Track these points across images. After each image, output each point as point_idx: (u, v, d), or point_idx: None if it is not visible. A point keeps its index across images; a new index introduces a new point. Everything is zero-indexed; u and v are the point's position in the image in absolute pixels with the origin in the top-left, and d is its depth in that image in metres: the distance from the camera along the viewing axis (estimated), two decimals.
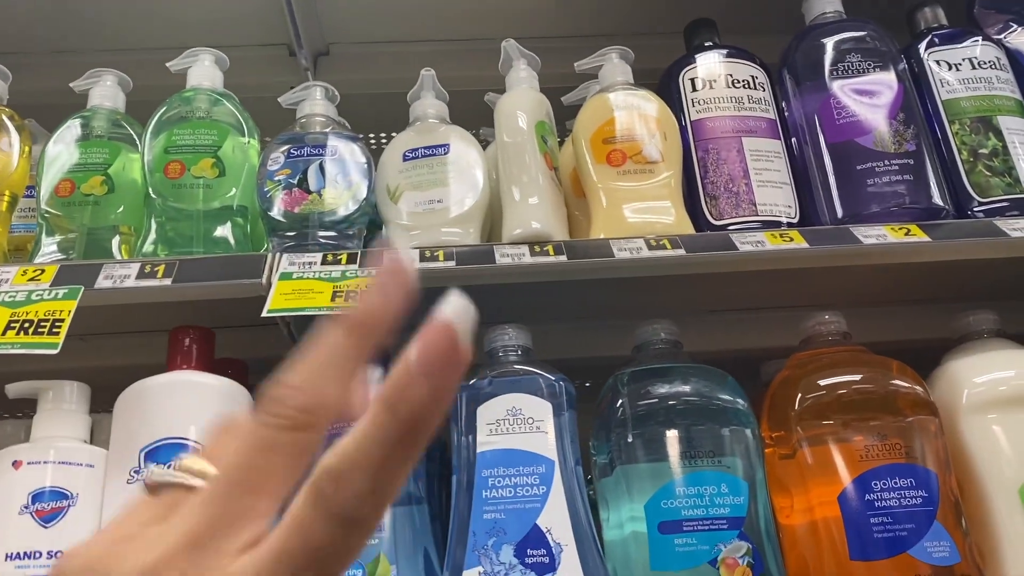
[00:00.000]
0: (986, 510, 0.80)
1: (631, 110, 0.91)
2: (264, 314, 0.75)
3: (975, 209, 0.89)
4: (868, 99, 0.92)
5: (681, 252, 0.82)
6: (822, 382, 0.82)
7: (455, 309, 0.25)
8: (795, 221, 0.90)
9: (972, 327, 0.90)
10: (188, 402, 0.79)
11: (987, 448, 0.81)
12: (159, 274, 0.79)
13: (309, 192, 0.84)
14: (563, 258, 0.81)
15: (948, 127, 0.93)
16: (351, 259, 0.81)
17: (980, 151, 0.91)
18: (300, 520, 0.25)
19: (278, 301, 0.76)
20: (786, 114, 0.98)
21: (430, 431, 0.26)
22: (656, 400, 0.80)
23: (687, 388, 0.81)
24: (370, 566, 0.77)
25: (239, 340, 0.95)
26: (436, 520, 0.90)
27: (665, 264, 0.82)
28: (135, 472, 0.75)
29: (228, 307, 0.88)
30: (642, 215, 0.87)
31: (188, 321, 0.88)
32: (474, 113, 1.02)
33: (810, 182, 0.93)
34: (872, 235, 0.84)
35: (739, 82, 0.96)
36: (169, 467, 0.28)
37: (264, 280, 0.78)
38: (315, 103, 0.91)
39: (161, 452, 0.76)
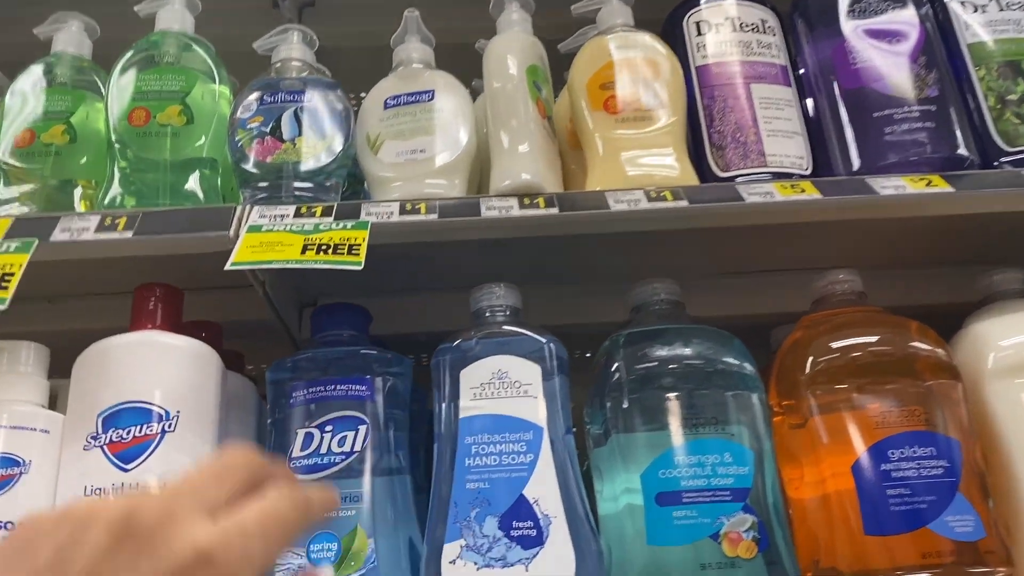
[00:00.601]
0: (1013, 482, 0.73)
1: (631, 54, 0.85)
2: (228, 266, 0.69)
3: (1003, 160, 0.83)
4: (886, 42, 0.86)
5: (683, 204, 0.76)
6: (835, 344, 0.76)
7: None
8: (807, 174, 0.84)
9: (997, 287, 0.84)
10: (152, 363, 0.73)
11: (1015, 415, 0.75)
12: (120, 227, 0.73)
13: (283, 141, 0.79)
14: (555, 211, 0.75)
15: (973, 72, 0.86)
16: (326, 212, 0.75)
17: (1008, 97, 0.84)
18: None
19: (244, 253, 0.70)
20: (798, 61, 0.91)
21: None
22: (655, 363, 0.74)
23: (689, 350, 0.75)
24: (346, 539, 0.71)
25: (215, 302, 0.89)
26: (421, 492, 0.85)
27: (666, 217, 0.76)
28: (92, 438, 0.70)
29: (202, 268, 0.82)
30: (642, 166, 0.80)
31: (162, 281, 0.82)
32: (468, 67, 0.96)
33: (823, 134, 0.86)
34: (890, 186, 0.77)
35: (748, 26, 0.89)
36: None
37: (232, 232, 0.73)
38: (291, 47, 0.85)
39: (121, 416, 0.70)
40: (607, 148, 0.82)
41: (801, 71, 0.90)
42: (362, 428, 0.76)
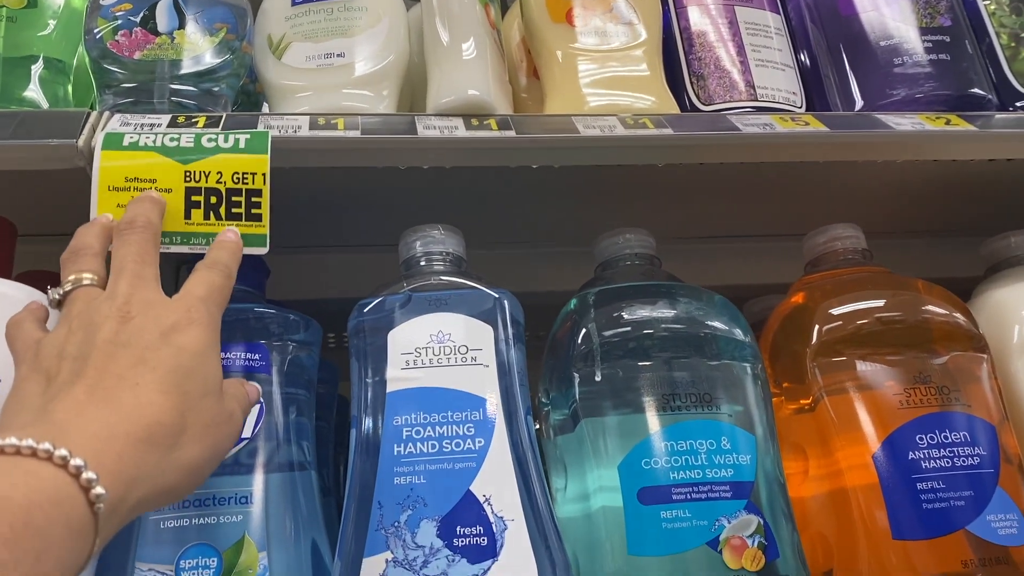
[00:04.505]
0: None
1: None
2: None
3: (1018, 104, 0.71)
4: None
5: (667, 132, 0.61)
6: (849, 308, 0.62)
7: None
8: (802, 111, 0.71)
9: (1012, 251, 0.72)
10: None
11: None
12: None
13: (157, 34, 0.60)
14: (511, 133, 0.60)
15: (983, 5, 0.75)
16: (212, 122, 0.57)
17: (1023, 35, 0.73)
18: None
19: (104, 203, 0.52)
20: None
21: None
22: (636, 327, 0.59)
23: (677, 312, 0.60)
24: (230, 553, 0.53)
25: (62, 249, 0.70)
26: (330, 495, 0.68)
27: (647, 146, 0.61)
28: None
29: (44, 202, 0.64)
30: (612, 90, 0.66)
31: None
32: None
33: (818, 72, 0.74)
34: (906, 122, 0.65)
35: None
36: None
37: (81, 142, 0.54)
38: None
39: None
40: (568, 68, 0.66)
41: (790, 4, 0.77)
42: (254, 410, 0.58)
